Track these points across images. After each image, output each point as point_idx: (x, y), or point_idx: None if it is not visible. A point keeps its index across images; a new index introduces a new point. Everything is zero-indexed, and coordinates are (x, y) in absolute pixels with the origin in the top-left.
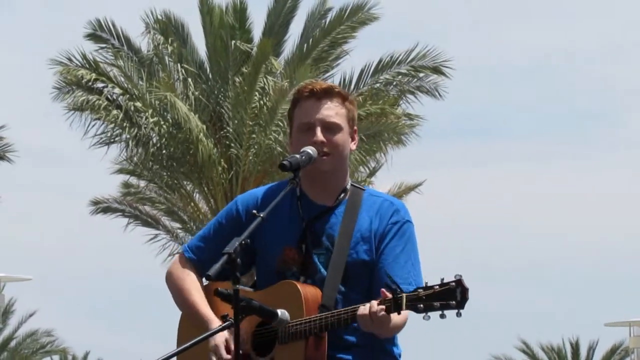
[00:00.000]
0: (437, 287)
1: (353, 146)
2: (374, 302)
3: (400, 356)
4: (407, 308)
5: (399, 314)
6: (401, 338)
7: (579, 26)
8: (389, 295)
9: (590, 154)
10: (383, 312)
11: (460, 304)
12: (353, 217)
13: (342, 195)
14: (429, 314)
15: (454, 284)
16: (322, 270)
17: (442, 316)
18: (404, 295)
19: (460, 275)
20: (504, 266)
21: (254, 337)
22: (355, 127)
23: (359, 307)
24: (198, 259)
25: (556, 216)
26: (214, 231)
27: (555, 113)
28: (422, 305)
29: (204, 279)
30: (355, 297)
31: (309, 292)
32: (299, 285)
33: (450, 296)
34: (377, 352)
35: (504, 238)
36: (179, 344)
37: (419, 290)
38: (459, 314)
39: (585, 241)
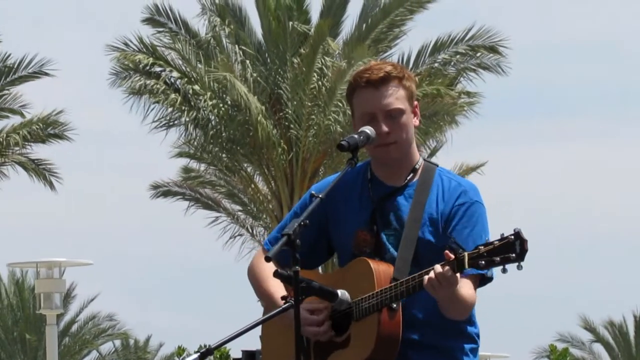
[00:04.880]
0: (497, 242)
1: (416, 122)
2: (438, 265)
3: (478, 336)
4: (470, 266)
5: (462, 273)
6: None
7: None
8: (452, 256)
9: None
10: (449, 270)
11: (520, 256)
12: (422, 199)
13: (412, 175)
14: (488, 278)
15: (512, 237)
16: (392, 250)
17: (504, 271)
18: (466, 253)
19: (519, 228)
20: (565, 244)
21: (331, 316)
22: (416, 102)
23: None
24: None
25: (620, 194)
26: (291, 221)
27: (620, 90)
28: (483, 262)
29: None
30: None
31: (381, 268)
32: (370, 262)
33: (510, 249)
34: (450, 331)
35: (564, 216)
36: (263, 339)
37: (480, 247)
38: (519, 267)
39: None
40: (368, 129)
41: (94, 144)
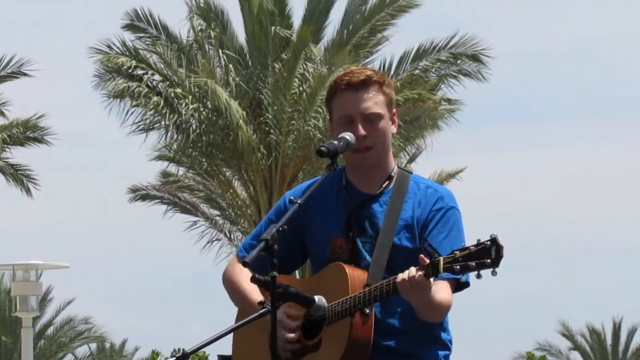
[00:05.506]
0: (473, 247)
1: (394, 129)
2: (413, 268)
3: (450, 342)
4: (445, 271)
5: (436, 277)
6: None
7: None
8: (427, 260)
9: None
10: (421, 275)
11: (496, 262)
12: (398, 205)
13: (387, 182)
14: (464, 283)
15: (489, 242)
16: (367, 257)
17: (478, 276)
18: (441, 258)
19: (495, 234)
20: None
21: (304, 321)
22: (394, 110)
23: (398, 275)
24: None
25: (599, 199)
26: (265, 228)
27: (598, 97)
28: (458, 267)
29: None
30: None
31: (355, 273)
32: (345, 267)
33: (486, 255)
34: (424, 338)
35: (546, 222)
36: (234, 343)
37: (455, 252)
38: (494, 273)
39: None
40: (348, 135)
41: (72, 146)
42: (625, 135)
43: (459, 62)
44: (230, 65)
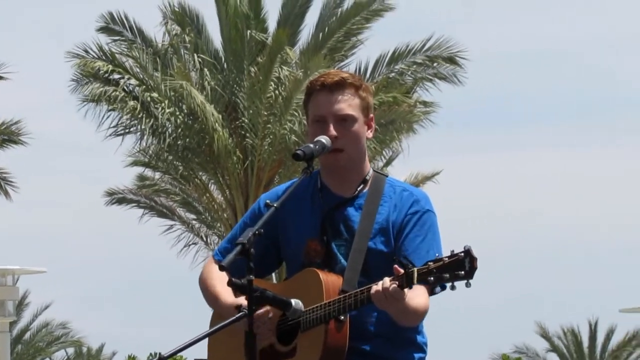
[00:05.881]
0: (447, 258)
1: (370, 134)
2: (387, 279)
3: (426, 345)
4: (419, 282)
5: (410, 288)
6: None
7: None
8: (402, 271)
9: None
10: (395, 286)
11: (469, 274)
12: (373, 209)
13: (362, 186)
14: (440, 286)
15: (462, 254)
16: (342, 260)
17: (453, 287)
18: (415, 269)
19: (469, 246)
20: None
21: (278, 326)
22: (372, 115)
23: (373, 285)
24: None
25: (573, 202)
26: (241, 232)
27: (573, 100)
28: (432, 278)
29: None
30: None
31: (330, 279)
32: (319, 273)
33: (460, 266)
34: (399, 341)
35: (523, 224)
36: (209, 346)
37: (429, 263)
38: (468, 284)
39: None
40: (324, 139)
41: (48, 150)
42: (599, 139)
43: (435, 64)
44: (206, 69)
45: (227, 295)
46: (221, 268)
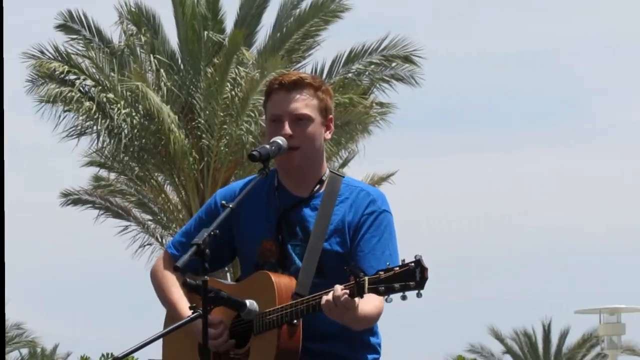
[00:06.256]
0: (397, 268)
1: (328, 135)
2: (338, 287)
3: (379, 346)
4: (370, 291)
5: (361, 297)
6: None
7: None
8: (352, 280)
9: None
10: (346, 296)
11: (420, 284)
12: (329, 209)
13: (318, 186)
14: (391, 296)
15: (413, 264)
16: (297, 261)
17: (403, 297)
18: (366, 278)
19: (420, 256)
20: (477, 254)
21: (232, 328)
22: (331, 116)
23: (323, 296)
24: (180, 255)
25: (528, 204)
26: (195, 226)
27: (529, 102)
28: (383, 288)
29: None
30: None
31: (282, 282)
32: (272, 275)
33: (410, 277)
34: (354, 342)
35: (476, 226)
36: (164, 346)
37: (380, 272)
38: (419, 295)
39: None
40: (280, 139)
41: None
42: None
43: (393, 64)
44: (162, 70)
45: (181, 296)
46: (176, 269)
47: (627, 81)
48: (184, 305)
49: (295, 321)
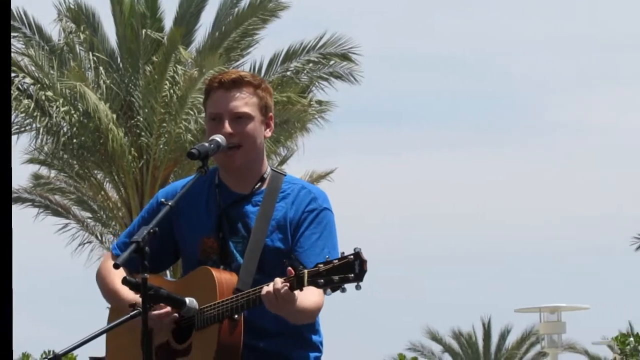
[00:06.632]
0: (337, 260)
1: (268, 133)
2: (278, 280)
3: (321, 344)
4: (309, 284)
5: (301, 290)
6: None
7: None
8: (292, 273)
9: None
10: (286, 289)
11: (359, 277)
12: (270, 206)
13: (260, 183)
14: (330, 289)
15: (352, 257)
16: (239, 258)
17: (343, 290)
18: (306, 271)
19: (359, 248)
20: (415, 254)
21: (175, 324)
22: (271, 114)
23: (263, 288)
24: None
25: (466, 204)
26: (139, 226)
27: (466, 102)
28: (322, 280)
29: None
30: None
31: (223, 277)
32: (213, 271)
33: (350, 269)
34: (295, 339)
35: (414, 226)
36: (107, 342)
37: (320, 265)
38: (358, 287)
39: (494, 228)
40: (218, 137)
41: None
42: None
43: (331, 63)
44: (101, 68)
45: (124, 293)
46: (115, 266)
47: (564, 80)
48: (128, 302)
49: (236, 316)
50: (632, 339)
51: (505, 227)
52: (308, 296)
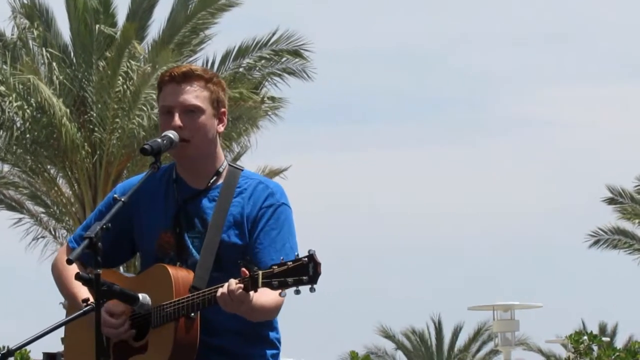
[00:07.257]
0: (291, 262)
1: (221, 128)
2: (233, 281)
3: (279, 341)
4: (264, 285)
5: (255, 291)
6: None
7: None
8: (247, 274)
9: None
10: (240, 290)
11: (313, 279)
12: (227, 201)
13: (215, 178)
14: (285, 290)
15: (306, 259)
16: (195, 254)
17: (297, 292)
18: (260, 272)
19: (314, 250)
20: (367, 251)
21: (131, 321)
22: (224, 109)
23: (219, 289)
24: None
25: (419, 200)
26: (95, 219)
27: (421, 99)
28: (276, 282)
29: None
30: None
31: (180, 275)
32: (169, 268)
33: (303, 271)
34: (252, 337)
35: (367, 223)
36: (65, 338)
37: (274, 267)
38: (312, 289)
39: (448, 225)
40: (171, 133)
41: None
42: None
43: (283, 59)
44: (55, 63)
45: (79, 288)
46: (69, 262)
47: (519, 75)
48: (83, 296)
49: (192, 314)
50: (586, 337)
51: (460, 225)
52: (268, 294)
